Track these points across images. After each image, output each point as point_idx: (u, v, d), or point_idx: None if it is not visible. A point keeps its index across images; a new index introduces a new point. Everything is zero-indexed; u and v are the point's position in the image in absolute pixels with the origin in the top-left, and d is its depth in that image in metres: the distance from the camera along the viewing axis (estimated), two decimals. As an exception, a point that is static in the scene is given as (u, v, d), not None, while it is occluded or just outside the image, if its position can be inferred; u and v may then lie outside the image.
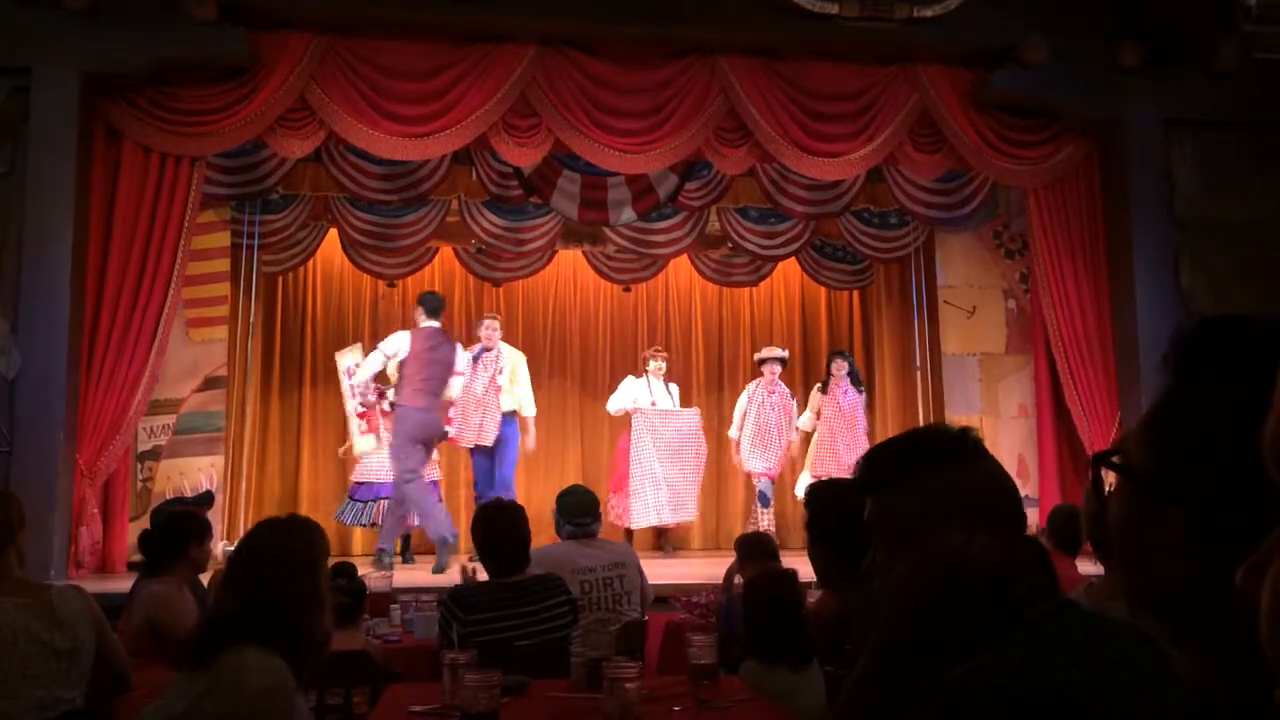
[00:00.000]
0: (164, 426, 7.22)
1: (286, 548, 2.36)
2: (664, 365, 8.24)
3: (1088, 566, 4.49)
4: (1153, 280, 6.90)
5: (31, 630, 2.71)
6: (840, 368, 8.17)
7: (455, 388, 7.33)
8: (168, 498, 6.70)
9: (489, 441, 7.53)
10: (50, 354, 5.94)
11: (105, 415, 6.18)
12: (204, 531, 3.96)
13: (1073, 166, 7.15)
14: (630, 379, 8.27)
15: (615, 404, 8.14)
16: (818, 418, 8.20)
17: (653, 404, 8.04)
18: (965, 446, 1.39)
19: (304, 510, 8.88)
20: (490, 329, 7.76)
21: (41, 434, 5.87)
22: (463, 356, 7.45)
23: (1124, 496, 0.86)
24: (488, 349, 7.68)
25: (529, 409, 7.78)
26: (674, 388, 8.33)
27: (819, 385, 8.34)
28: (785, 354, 8.49)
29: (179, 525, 4.02)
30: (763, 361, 8.32)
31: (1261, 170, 7.00)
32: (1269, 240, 6.89)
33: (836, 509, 2.64)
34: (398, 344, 7.03)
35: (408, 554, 7.56)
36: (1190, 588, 0.78)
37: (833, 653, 2.67)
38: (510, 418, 7.64)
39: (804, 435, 8.35)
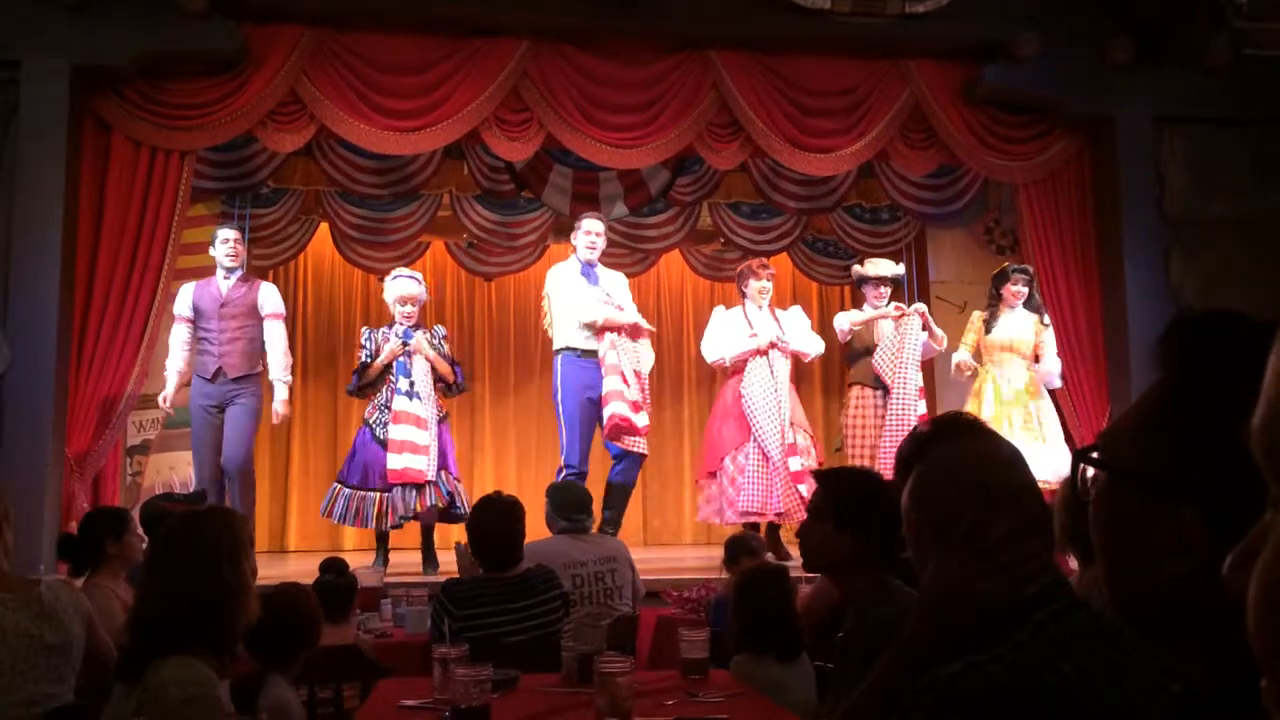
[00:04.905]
0: (153, 420, 7.19)
1: (197, 547, 2.32)
2: (770, 286, 6.69)
3: (1073, 561, 4.49)
4: (1143, 276, 6.91)
5: (21, 625, 2.70)
6: (1018, 292, 6.86)
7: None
8: (157, 492, 6.67)
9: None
10: (40, 348, 5.91)
11: (95, 409, 6.15)
12: (119, 525, 3.95)
13: (1064, 162, 7.15)
14: (720, 310, 6.89)
15: (715, 348, 6.52)
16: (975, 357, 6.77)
17: (752, 336, 6.48)
18: (961, 427, 1.39)
19: (294, 504, 8.88)
20: (592, 232, 6.33)
21: (30, 428, 5.84)
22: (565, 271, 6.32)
23: (1116, 496, 0.82)
24: (590, 265, 6.33)
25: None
26: (790, 314, 6.83)
27: (986, 312, 6.98)
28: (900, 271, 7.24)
29: (90, 525, 4.02)
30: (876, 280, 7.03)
31: (1252, 167, 7.02)
32: (1259, 237, 6.90)
33: (864, 495, 2.38)
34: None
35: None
36: (1194, 586, 0.75)
37: (823, 648, 2.68)
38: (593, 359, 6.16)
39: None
